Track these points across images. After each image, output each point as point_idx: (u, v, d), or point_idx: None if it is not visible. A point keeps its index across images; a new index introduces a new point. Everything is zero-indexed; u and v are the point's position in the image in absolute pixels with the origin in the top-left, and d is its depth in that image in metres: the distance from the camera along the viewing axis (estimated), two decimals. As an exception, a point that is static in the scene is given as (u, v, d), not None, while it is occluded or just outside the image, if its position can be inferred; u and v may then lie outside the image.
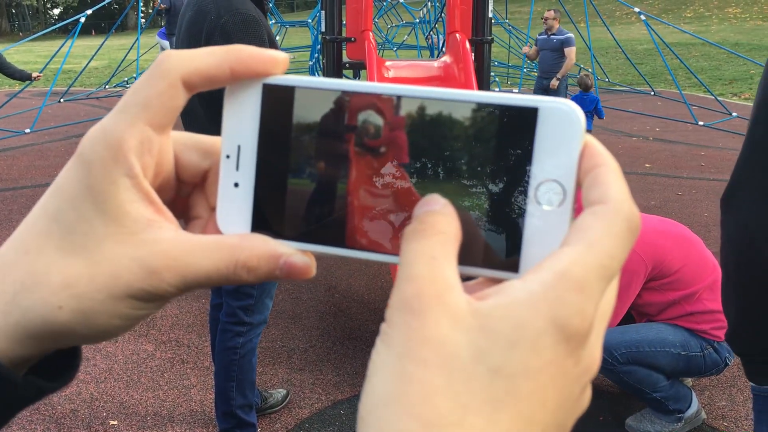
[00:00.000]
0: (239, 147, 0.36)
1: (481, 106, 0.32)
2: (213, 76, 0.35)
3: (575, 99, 7.94)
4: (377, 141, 0.34)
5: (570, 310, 0.28)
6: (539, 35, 9.29)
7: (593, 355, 0.30)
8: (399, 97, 0.34)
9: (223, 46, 0.35)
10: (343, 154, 0.35)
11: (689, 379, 3.11)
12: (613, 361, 2.70)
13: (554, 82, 8.83)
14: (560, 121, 0.31)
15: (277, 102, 0.36)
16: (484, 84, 5.36)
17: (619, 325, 2.82)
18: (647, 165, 8.15)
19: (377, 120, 0.34)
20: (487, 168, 0.32)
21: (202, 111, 2.28)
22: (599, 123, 11.06)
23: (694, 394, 2.90)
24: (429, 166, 0.33)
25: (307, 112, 0.35)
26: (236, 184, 0.36)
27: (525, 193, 0.32)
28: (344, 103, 0.35)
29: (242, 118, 0.36)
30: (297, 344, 3.75)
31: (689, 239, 2.86)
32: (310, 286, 4.54)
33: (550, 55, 8.95)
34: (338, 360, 3.56)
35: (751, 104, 1.35)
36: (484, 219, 0.32)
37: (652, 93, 10.01)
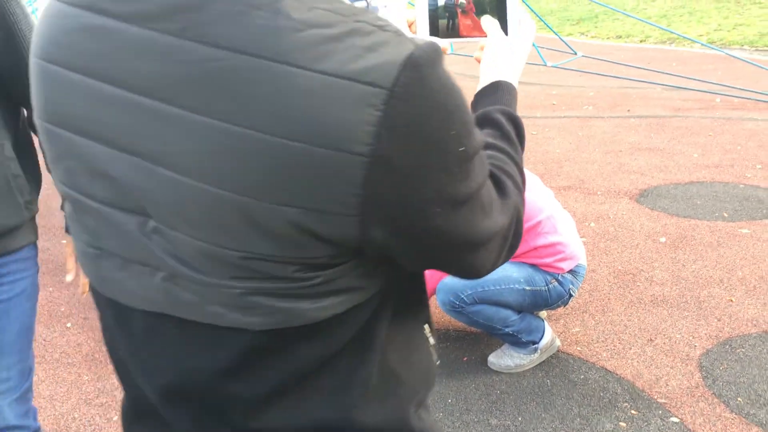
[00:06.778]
0: None
1: None
2: None
3: None
4: None
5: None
6: None
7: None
8: None
9: None
10: None
11: (544, 312, 3.25)
12: (460, 303, 2.75)
13: None
14: None
15: None
16: None
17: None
18: (504, 107, 8.38)
19: None
20: None
21: None
22: (459, 70, 11.27)
23: (546, 324, 3.01)
24: None
25: None
26: None
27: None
28: None
29: None
30: None
31: (529, 176, 2.94)
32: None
33: None
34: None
35: (597, 42, 1.51)
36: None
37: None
